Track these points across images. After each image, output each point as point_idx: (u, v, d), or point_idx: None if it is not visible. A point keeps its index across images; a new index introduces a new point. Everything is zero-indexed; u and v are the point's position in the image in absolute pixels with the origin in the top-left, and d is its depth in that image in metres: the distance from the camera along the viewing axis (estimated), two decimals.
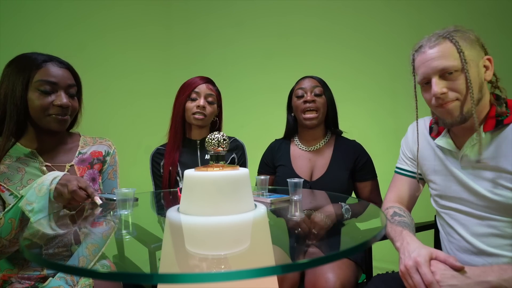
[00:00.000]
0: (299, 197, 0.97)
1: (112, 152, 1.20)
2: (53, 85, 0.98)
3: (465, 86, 0.85)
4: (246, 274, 0.45)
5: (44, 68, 0.98)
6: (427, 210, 1.19)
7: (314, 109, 1.34)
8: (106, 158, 1.18)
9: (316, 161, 1.39)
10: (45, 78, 0.97)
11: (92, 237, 0.86)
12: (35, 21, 1.78)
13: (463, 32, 0.87)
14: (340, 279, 1.05)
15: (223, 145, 0.72)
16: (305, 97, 1.35)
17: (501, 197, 0.85)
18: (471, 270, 0.77)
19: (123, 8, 2.26)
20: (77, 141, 1.15)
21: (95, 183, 1.12)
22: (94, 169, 1.13)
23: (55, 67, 1.00)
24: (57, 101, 0.99)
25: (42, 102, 0.97)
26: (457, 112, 0.87)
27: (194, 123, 1.37)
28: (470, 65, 0.85)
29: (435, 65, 0.86)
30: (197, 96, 1.36)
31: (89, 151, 1.15)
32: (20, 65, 0.97)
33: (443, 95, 0.86)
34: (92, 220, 0.92)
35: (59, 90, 1.00)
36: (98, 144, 1.18)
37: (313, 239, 0.82)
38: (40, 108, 0.97)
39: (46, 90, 0.97)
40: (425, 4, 1.97)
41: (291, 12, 2.34)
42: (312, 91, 1.36)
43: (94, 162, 1.14)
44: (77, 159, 1.11)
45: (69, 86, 1.02)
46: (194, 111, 1.35)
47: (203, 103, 1.35)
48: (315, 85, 1.37)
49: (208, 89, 1.37)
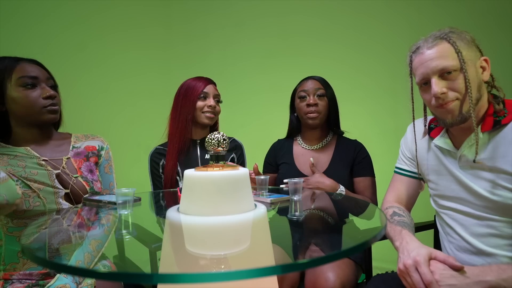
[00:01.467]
0: (299, 197, 0.97)
1: (106, 147, 1.22)
2: (34, 79, 1.02)
3: (464, 86, 0.85)
4: (246, 274, 0.45)
5: (19, 66, 1.02)
6: (427, 210, 1.19)
7: (316, 112, 1.38)
8: (101, 152, 1.19)
9: (318, 159, 1.42)
10: (24, 74, 1.01)
11: (94, 233, 0.86)
12: (35, 21, 1.78)
13: (459, 33, 0.88)
14: (340, 279, 1.05)
15: (223, 145, 0.72)
16: (308, 99, 1.38)
17: (500, 197, 0.85)
18: (470, 270, 0.78)
19: (123, 8, 2.26)
20: (69, 138, 1.17)
21: (93, 174, 1.13)
22: (90, 161, 1.15)
23: (27, 64, 1.04)
24: (44, 93, 1.02)
25: (30, 97, 1.00)
26: (457, 112, 0.87)
27: (205, 122, 1.40)
28: (468, 64, 0.85)
29: (434, 65, 0.86)
30: (206, 96, 1.39)
31: (83, 145, 1.17)
32: None
33: (443, 95, 0.86)
34: (93, 217, 0.93)
35: (41, 83, 1.04)
36: (91, 139, 1.20)
37: (313, 238, 0.82)
38: (31, 103, 1.00)
39: (29, 83, 1.01)
40: (425, 4, 1.97)
41: (291, 12, 2.34)
42: (314, 94, 1.39)
43: (90, 155, 1.16)
44: (72, 152, 1.13)
45: (48, 79, 1.06)
46: (205, 110, 1.38)
47: (213, 102, 1.39)
48: (317, 87, 1.39)
49: (215, 89, 1.42)
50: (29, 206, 0.96)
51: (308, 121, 1.40)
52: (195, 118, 1.39)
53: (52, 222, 0.88)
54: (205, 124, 1.41)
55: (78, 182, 1.07)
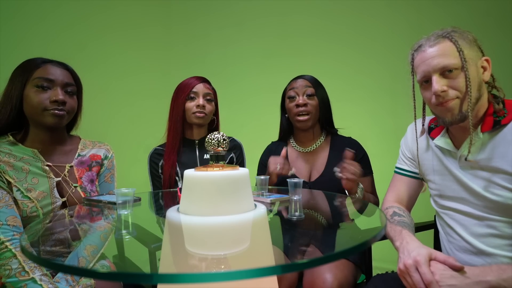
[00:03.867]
0: (299, 197, 0.97)
1: (110, 156, 1.23)
2: (50, 82, 1.03)
3: (465, 85, 0.85)
4: (246, 274, 0.45)
5: (43, 67, 1.03)
6: (427, 210, 1.19)
7: (306, 113, 1.34)
8: (104, 162, 1.20)
9: (313, 162, 1.39)
10: (42, 75, 1.02)
11: (90, 238, 0.86)
12: (35, 21, 1.78)
13: (461, 33, 0.88)
14: (338, 280, 1.05)
15: (223, 145, 0.72)
16: (297, 100, 1.34)
17: (500, 197, 0.85)
18: (470, 270, 0.78)
19: (123, 8, 2.26)
20: (77, 144, 1.18)
21: (93, 185, 1.14)
22: (93, 171, 1.15)
23: (54, 66, 1.05)
24: (52, 96, 1.02)
25: (39, 98, 1.01)
26: (457, 110, 0.87)
27: (195, 122, 1.38)
28: (470, 64, 0.85)
29: (436, 63, 0.87)
30: (195, 96, 1.38)
31: (88, 154, 1.17)
32: (22, 67, 1.03)
33: (443, 93, 0.86)
34: (90, 220, 0.92)
35: (56, 87, 1.04)
36: (97, 147, 1.21)
37: (313, 239, 0.82)
38: (36, 104, 1.01)
39: (43, 85, 1.01)
40: (425, 4, 1.97)
41: (291, 12, 2.34)
42: (304, 93, 1.34)
43: (93, 165, 1.16)
44: (76, 160, 1.13)
45: (67, 84, 1.06)
46: (194, 111, 1.37)
47: (202, 102, 1.37)
48: (306, 85, 1.35)
49: (205, 88, 1.39)
50: (26, 216, 0.97)
51: (298, 124, 1.35)
52: (187, 119, 1.40)
53: (49, 227, 0.88)
54: (197, 124, 1.40)
55: (77, 192, 1.08)
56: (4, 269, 0.88)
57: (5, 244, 0.89)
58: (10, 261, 0.88)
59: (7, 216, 0.93)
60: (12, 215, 0.94)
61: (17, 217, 0.95)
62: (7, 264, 0.88)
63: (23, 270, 0.88)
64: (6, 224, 0.92)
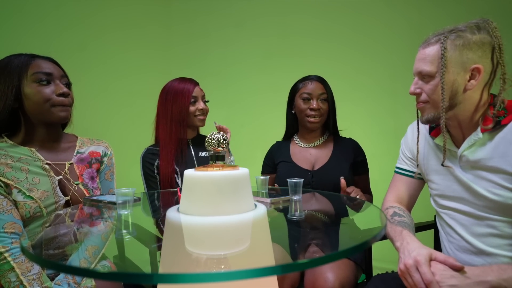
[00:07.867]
0: (299, 197, 0.97)
1: (109, 154, 1.21)
2: (49, 76, 1.01)
3: (436, 92, 0.88)
4: (246, 274, 0.45)
5: (34, 62, 1.01)
6: (427, 210, 1.19)
7: (318, 116, 1.41)
8: (104, 159, 1.18)
9: (317, 154, 1.45)
10: (39, 70, 1.00)
11: (91, 239, 0.86)
12: (35, 21, 1.77)
13: (461, 35, 0.84)
14: (339, 279, 1.05)
15: (223, 145, 0.72)
16: (312, 103, 1.40)
17: (500, 197, 0.85)
18: (471, 270, 0.78)
19: (123, 8, 2.26)
20: (74, 141, 1.16)
21: (93, 182, 1.13)
22: (93, 168, 1.14)
23: (43, 60, 1.04)
24: (58, 90, 1.01)
25: (43, 93, 0.99)
26: (425, 113, 0.93)
27: (199, 124, 1.46)
28: (449, 71, 0.85)
29: (416, 66, 0.92)
30: (195, 99, 1.43)
31: (87, 151, 1.16)
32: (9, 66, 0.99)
33: (416, 95, 0.92)
34: (91, 221, 0.92)
35: (55, 80, 1.03)
36: (96, 145, 1.19)
37: (314, 239, 0.82)
38: (43, 99, 0.99)
39: (43, 79, 1.00)
40: (425, 4, 1.97)
41: (291, 12, 2.34)
42: (318, 97, 1.41)
43: (93, 162, 1.15)
44: (75, 158, 1.12)
45: (62, 77, 1.06)
46: (197, 114, 1.43)
47: (203, 105, 1.44)
48: (321, 92, 1.42)
49: (201, 90, 1.46)
50: (29, 216, 0.96)
51: (309, 124, 1.43)
52: (188, 122, 1.43)
53: (50, 227, 0.88)
54: (198, 126, 1.48)
55: (79, 189, 1.07)
56: (5, 281, 0.87)
57: (3, 255, 0.88)
58: (9, 273, 0.87)
59: (4, 223, 0.91)
60: (10, 221, 0.92)
61: (15, 223, 0.92)
62: (6, 276, 0.87)
63: (21, 283, 0.87)
64: (4, 231, 0.90)
